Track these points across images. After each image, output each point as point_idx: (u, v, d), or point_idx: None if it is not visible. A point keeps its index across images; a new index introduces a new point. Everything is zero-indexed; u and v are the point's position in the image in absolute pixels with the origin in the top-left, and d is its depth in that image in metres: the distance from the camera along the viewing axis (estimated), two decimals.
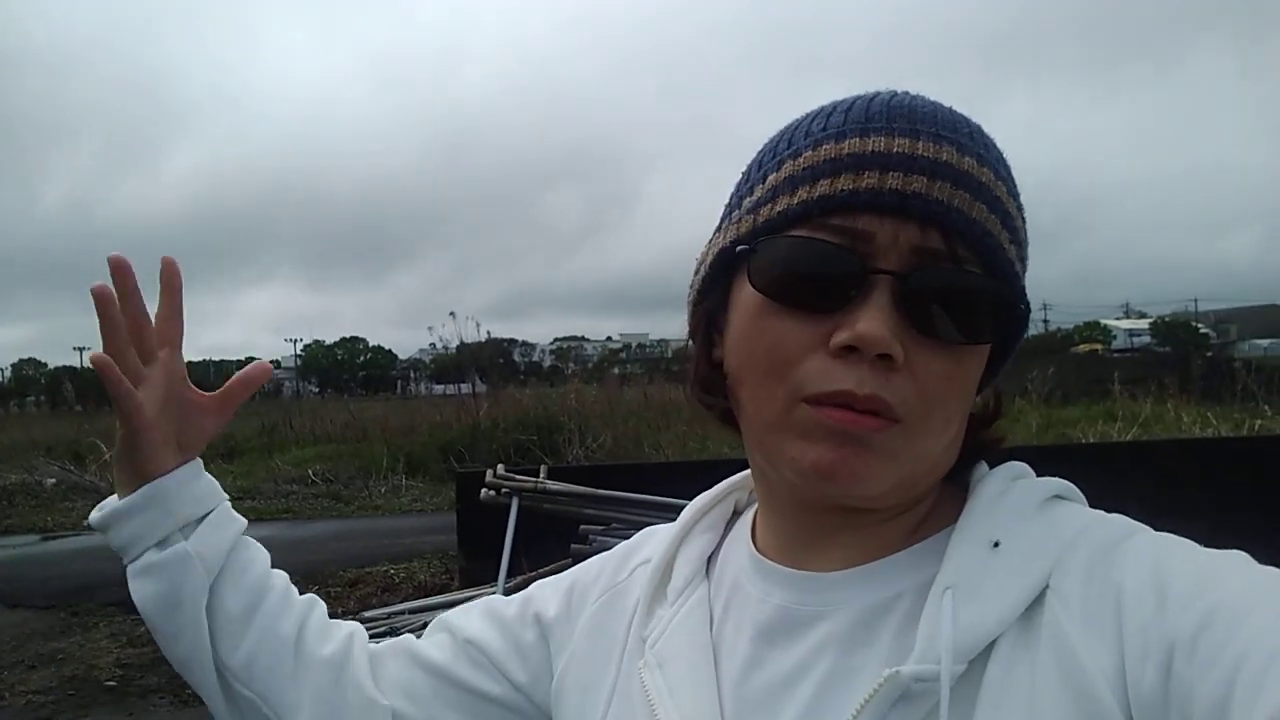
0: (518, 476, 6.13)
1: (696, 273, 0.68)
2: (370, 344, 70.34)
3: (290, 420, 19.28)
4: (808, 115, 0.63)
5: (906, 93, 0.61)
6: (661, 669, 0.66)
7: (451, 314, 16.82)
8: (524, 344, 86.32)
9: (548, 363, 73.97)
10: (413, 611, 6.10)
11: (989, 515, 0.59)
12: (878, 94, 0.61)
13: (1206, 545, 0.54)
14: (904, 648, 0.55)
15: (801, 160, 0.59)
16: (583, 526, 6.19)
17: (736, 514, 0.76)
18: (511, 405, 15.76)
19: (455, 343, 17.13)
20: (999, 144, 0.62)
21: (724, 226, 0.65)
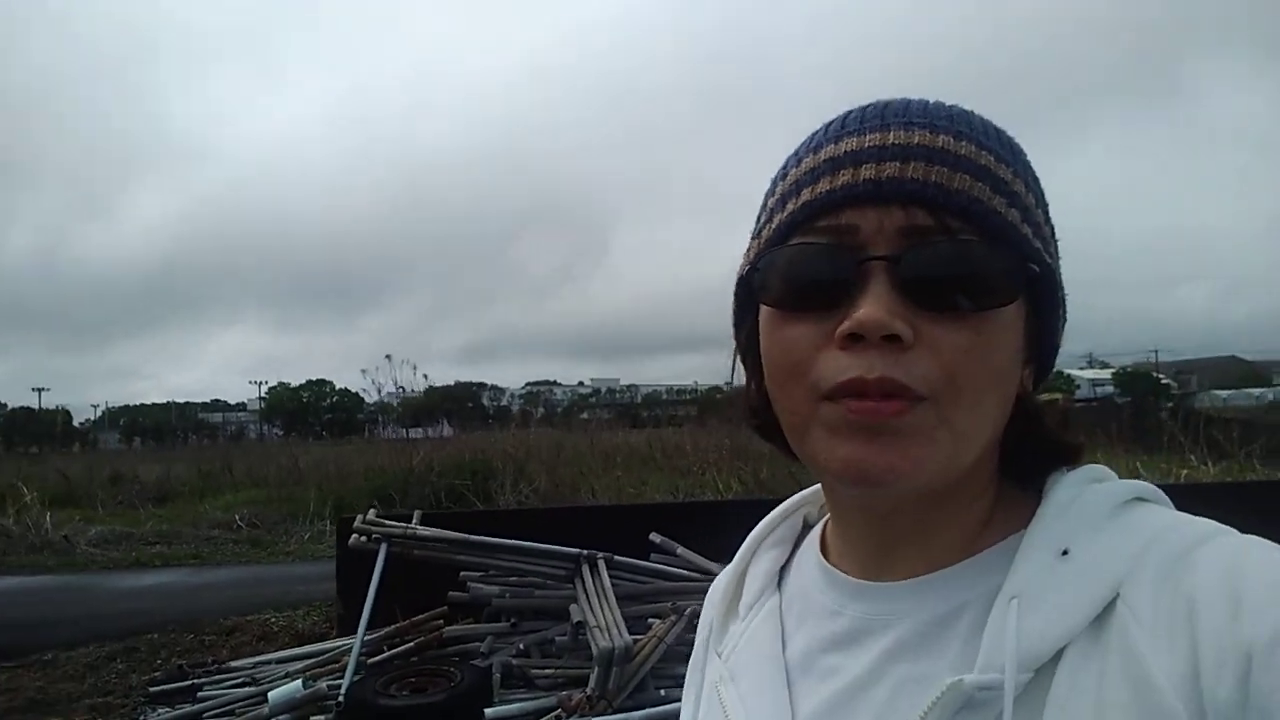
0: (387, 522, 6.01)
1: (731, 308, 0.69)
2: (337, 387, 69.74)
3: (229, 465, 18.97)
4: (802, 141, 0.65)
5: (889, 98, 0.62)
6: (735, 682, 0.67)
7: (387, 357, 16.73)
8: (493, 388, 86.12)
9: (517, 406, 73.68)
10: (279, 661, 5.94)
11: (1059, 522, 0.57)
12: (857, 106, 0.62)
13: None
14: (972, 655, 0.55)
15: (790, 178, 0.62)
16: (462, 574, 6.10)
17: (807, 528, 0.76)
18: (452, 449, 15.64)
19: (391, 387, 16.96)
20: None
21: (742, 259, 0.67)
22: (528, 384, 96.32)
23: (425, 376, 19.20)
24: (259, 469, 18.51)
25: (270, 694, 5.17)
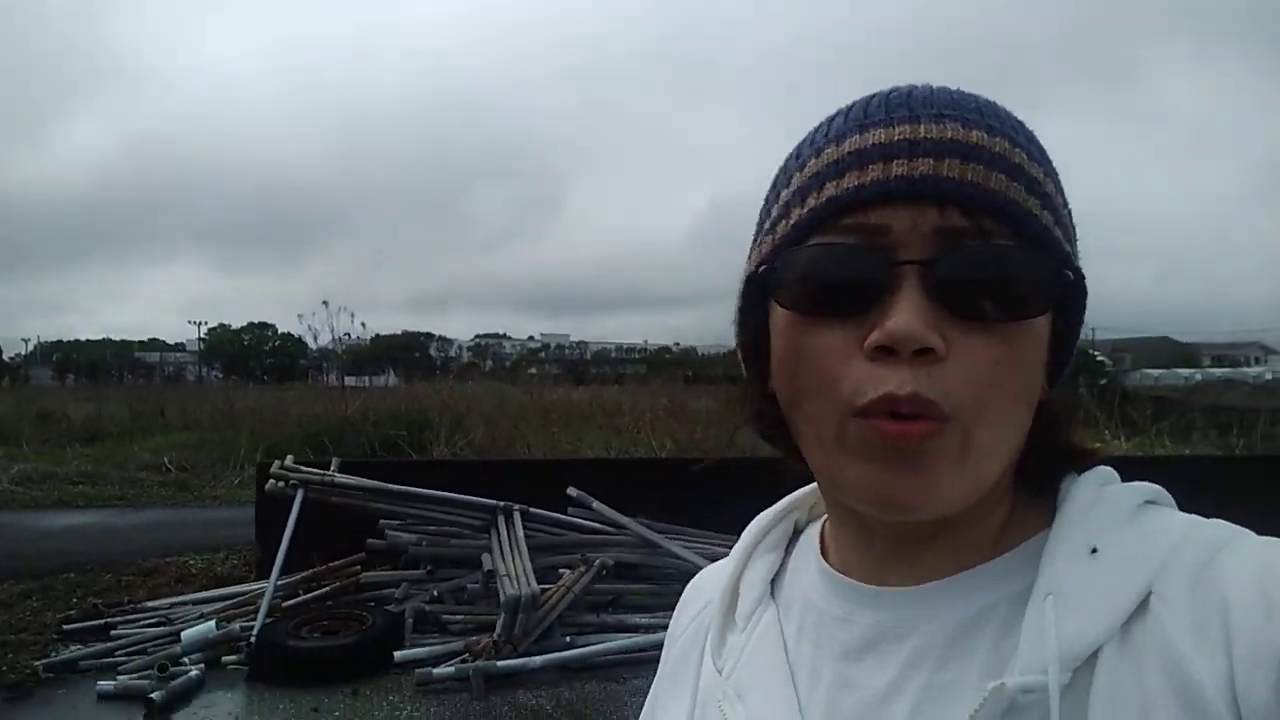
0: (305, 469, 6.08)
1: (736, 307, 0.65)
2: (280, 331, 68.62)
3: (163, 406, 18.70)
4: (815, 127, 0.61)
5: (910, 85, 0.59)
6: (741, 700, 0.63)
7: (324, 303, 16.49)
8: (441, 339, 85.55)
9: (465, 358, 73.32)
10: (195, 603, 6.01)
11: (1085, 521, 0.56)
12: (879, 92, 0.59)
13: None
14: (1001, 659, 0.53)
15: (808, 169, 0.58)
16: (381, 521, 6.21)
17: (797, 532, 0.74)
18: (389, 399, 15.65)
19: (328, 334, 16.77)
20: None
21: (750, 253, 0.63)
22: (477, 336, 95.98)
23: (364, 325, 18.94)
24: (193, 411, 18.27)
25: (183, 634, 5.25)
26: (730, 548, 0.75)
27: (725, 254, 0.73)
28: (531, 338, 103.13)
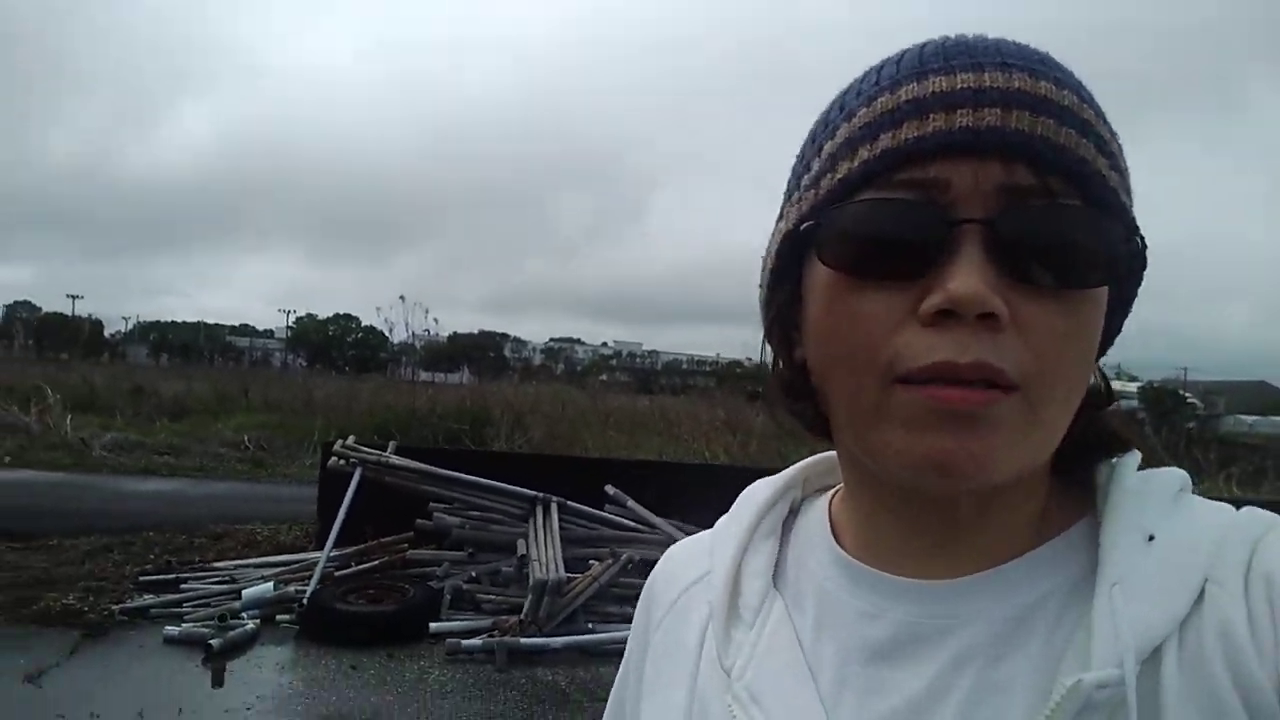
0: (363, 449, 6.54)
1: (763, 268, 0.61)
2: (363, 323, 70.81)
3: (246, 389, 19.72)
4: (858, 77, 0.56)
5: (961, 34, 0.54)
6: (758, 704, 0.57)
7: (401, 297, 17.20)
8: (516, 340, 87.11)
9: (538, 361, 74.61)
10: (257, 566, 6.53)
11: (1137, 508, 0.53)
12: (930, 39, 0.55)
13: None
14: (1054, 654, 0.51)
15: (857, 119, 0.53)
16: (431, 504, 6.64)
17: (792, 515, 0.69)
18: (455, 395, 16.30)
19: (403, 329, 17.49)
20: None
21: (784, 211, 0.59)
22: (551, 339, 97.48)
23: (436, 320, 19.67)
24: (274, 395, 19.22)
25: (244, 592, 5.76)
26: None
27: None
28: (604, 344, 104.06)
